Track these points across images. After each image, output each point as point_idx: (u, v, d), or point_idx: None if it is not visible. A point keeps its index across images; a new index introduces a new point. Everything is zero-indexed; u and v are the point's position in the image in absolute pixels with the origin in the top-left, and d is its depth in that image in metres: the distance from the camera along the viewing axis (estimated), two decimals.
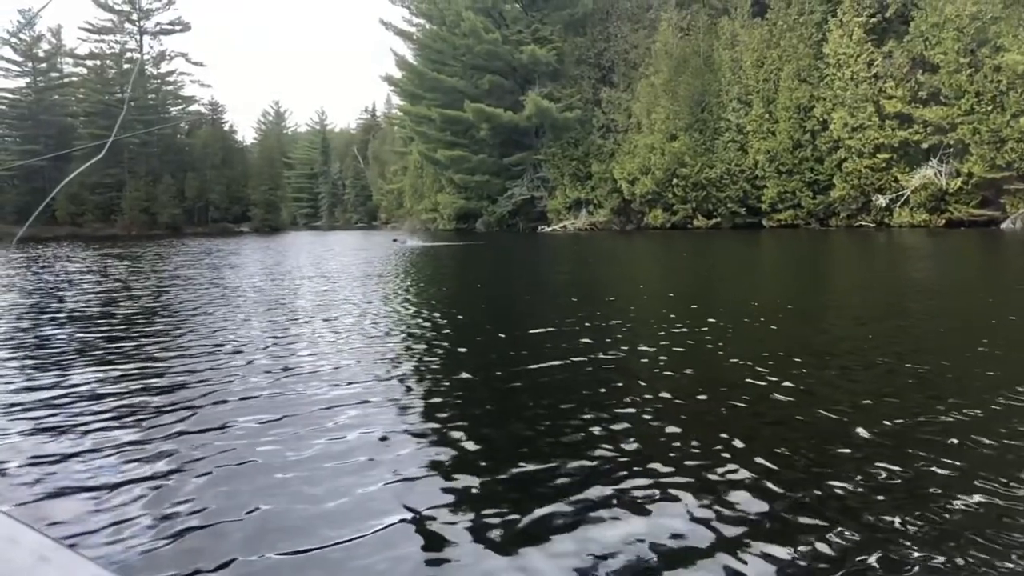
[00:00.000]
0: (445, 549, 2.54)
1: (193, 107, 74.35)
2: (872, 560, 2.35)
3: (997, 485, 2.89)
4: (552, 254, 24.84)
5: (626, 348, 6.14)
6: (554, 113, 47.98)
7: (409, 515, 2.78)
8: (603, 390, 4.70)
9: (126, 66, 67.89)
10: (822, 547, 2.44)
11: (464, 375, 5.26)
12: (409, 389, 4.79)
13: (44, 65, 69.00)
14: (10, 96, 67.33)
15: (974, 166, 31.39)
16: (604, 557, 2.45)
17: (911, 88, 33.78)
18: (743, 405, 4.19)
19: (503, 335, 7.21)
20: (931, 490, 2.90)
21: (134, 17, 68.62)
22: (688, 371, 5.28)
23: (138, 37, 69.30)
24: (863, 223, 36.40)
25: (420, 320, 8.22)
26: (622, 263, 19.47)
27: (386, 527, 2.67)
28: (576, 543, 2.55)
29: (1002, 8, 30.43)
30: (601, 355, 5.82)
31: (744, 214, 41.27)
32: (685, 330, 6.98)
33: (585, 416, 4.05)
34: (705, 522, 2.66)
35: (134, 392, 4.75)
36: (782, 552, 2.42)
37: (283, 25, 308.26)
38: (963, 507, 2.72)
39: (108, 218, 64.32)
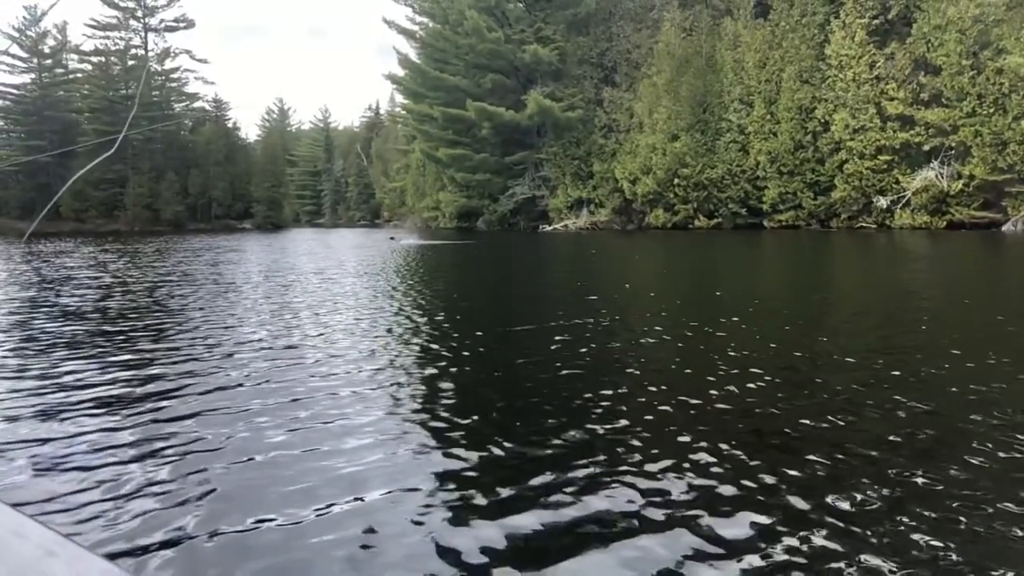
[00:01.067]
0: (429, 528, 2.63)
1: (197, 104, 74.46)
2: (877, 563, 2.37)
3: (1002, 494, 2.89)
4: (546, 253, 24.87)
5: (616, 346, 6.16)
6: (556, 112, 47.98)
7: (390, 495, 2.85)
8: (585, 389, 4.73)
9: (131, 63, 68.00)
10: (830, 552, 2.45)
11: (434, 371, 5.29)
12: (379, 382, 4.83)
13: (49, 61, 69.07)
14: (15, 92, 67.46)
15: (976, 168, 31.33)
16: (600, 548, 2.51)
17: (913, 90, 33.72)
18: (742, 409, 4.22)
19: (479, 333, 7.24)
20: (936, 494, 2.93)
21: (139, 14, 68.75)
22: (678, 371, 5.30)
23: (143, 34, 69.44)
24: (864, 224, 36.35)
25: (400, 317, 8.27)
26: (621, 262, 19.49)
27: (342, 509, 2.72)
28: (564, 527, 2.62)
29: (1005, 11, 30.38)
30: (585, 357, 5.84)
31: (745, 215, 41.22)
32: (679, 329, 7.00)
33: (553, 410, 4.09)
34: (700, 522, 2.69)
35: (129, 382, 4.80)
36: (786, 554, 2.44)
37: (288, 23, 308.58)
38: (971, 512, 2.73)
39: (111, 214, 64.37)
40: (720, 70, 42.05)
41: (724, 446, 3.44)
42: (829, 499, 2.81)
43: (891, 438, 3.55)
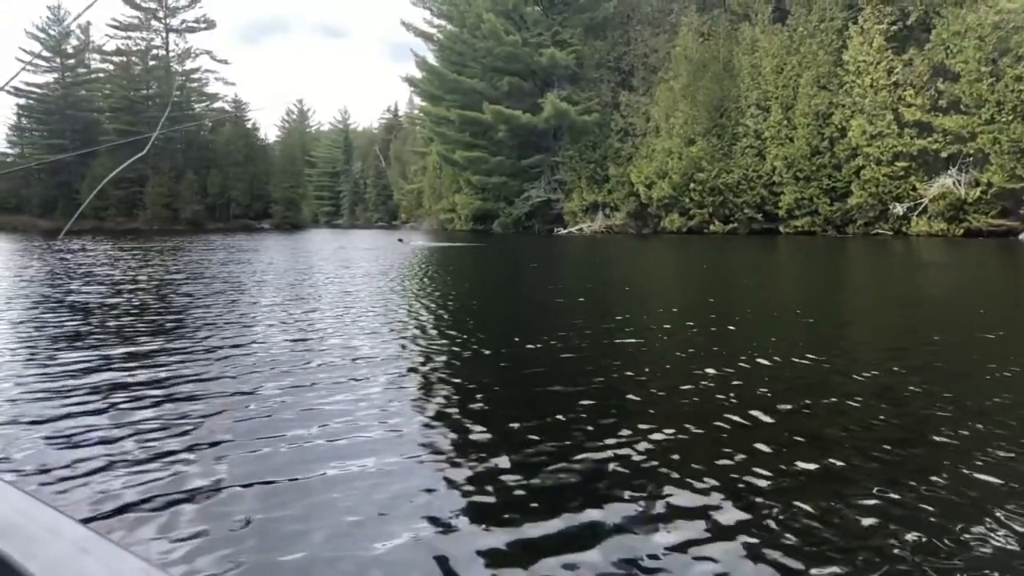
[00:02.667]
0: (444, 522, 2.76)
1: (217, 104, 75.06)
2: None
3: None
4: (556, 256, 24.95)
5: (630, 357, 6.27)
6: (572, 116, 48.09)
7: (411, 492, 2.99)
8: (590, 400, 4.84)
9: (152, 63, 68.78)
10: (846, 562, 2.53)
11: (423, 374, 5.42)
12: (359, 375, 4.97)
13: (72, 61, 70.05)
14: (39, 91, 68.43)
15: (994, 176, 31.13)
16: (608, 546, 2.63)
17: (931, 96, 33.54)
18: (757, 416, 4.32)
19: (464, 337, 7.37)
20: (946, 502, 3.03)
21: (160, 15, 69.51)
22: (695, 378, 5.40)
23: (164, 34, 70.20)
24: (880, 231, 36.19)
25: (383, 318, 8.42)
26: (630, 267, 19.56)
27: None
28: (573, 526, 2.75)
29: None
30: (593, 369, 5.95)
31: (761, 220, 41.15)
32: (686, 333, 7.10)
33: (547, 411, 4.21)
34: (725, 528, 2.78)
35: (157, 383, 4.97)
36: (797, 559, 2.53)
37: (308, 24, 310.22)
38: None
39: (131, 212, 65.07)
40: (737, 75, 42.00)
41: (739, 447, 3.56)
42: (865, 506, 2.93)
43: (909, 447, 3.66)
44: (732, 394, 4.67)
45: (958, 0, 32.80)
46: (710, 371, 5.39)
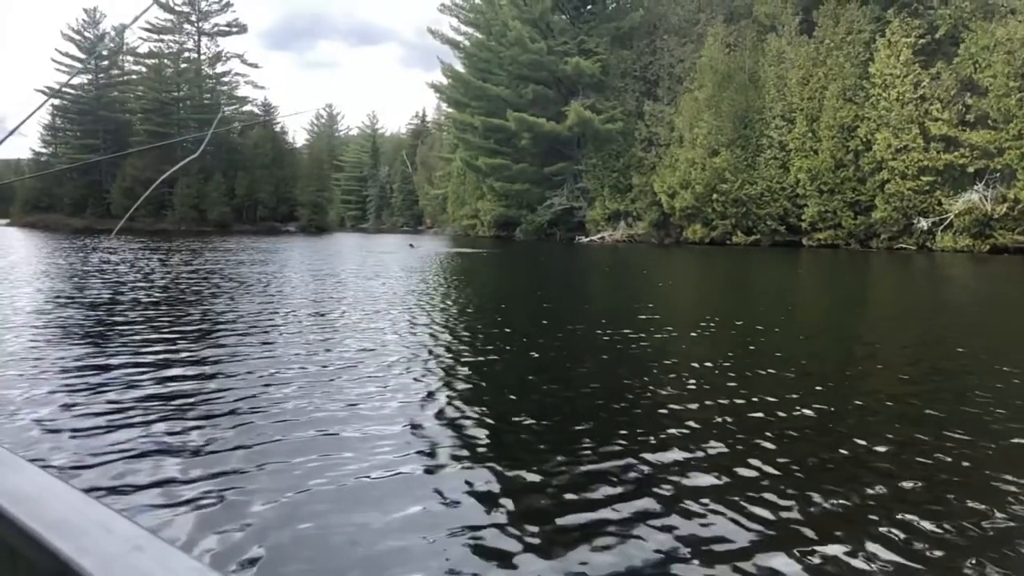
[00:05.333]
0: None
1: (246, 108, 76.03)
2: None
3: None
4: (568, 266, 25.03)
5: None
6: (596, 124, 48.18)
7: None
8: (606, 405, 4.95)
9: (183, 65, 69.90)
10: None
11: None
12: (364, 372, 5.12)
13: (106, 63, 71.37)
14: (72, 92, 69.77)
15: (1021, 192, 30.72)
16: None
17: (958, 111, 33.21)
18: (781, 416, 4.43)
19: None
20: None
21: (193, 18, 70.66)
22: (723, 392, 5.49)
23: (196, 38, 71.36)
24: (904, 246, 35.81)
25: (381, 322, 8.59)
26: (636, 278, 19.59)
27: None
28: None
29: None
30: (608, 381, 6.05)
31: (784, 232, 40.92)
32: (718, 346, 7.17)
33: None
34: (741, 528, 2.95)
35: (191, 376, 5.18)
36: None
37: (340, 29, 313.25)
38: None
39: (159, 213, 66.00)
40: (762, 86, 41.82)
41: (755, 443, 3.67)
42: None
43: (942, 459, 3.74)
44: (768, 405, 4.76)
45: (987, 14, 32.48)
46: (740, 378, 5.47)
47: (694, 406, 4.91)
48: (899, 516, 3.03)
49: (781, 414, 4.70)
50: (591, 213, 51.60)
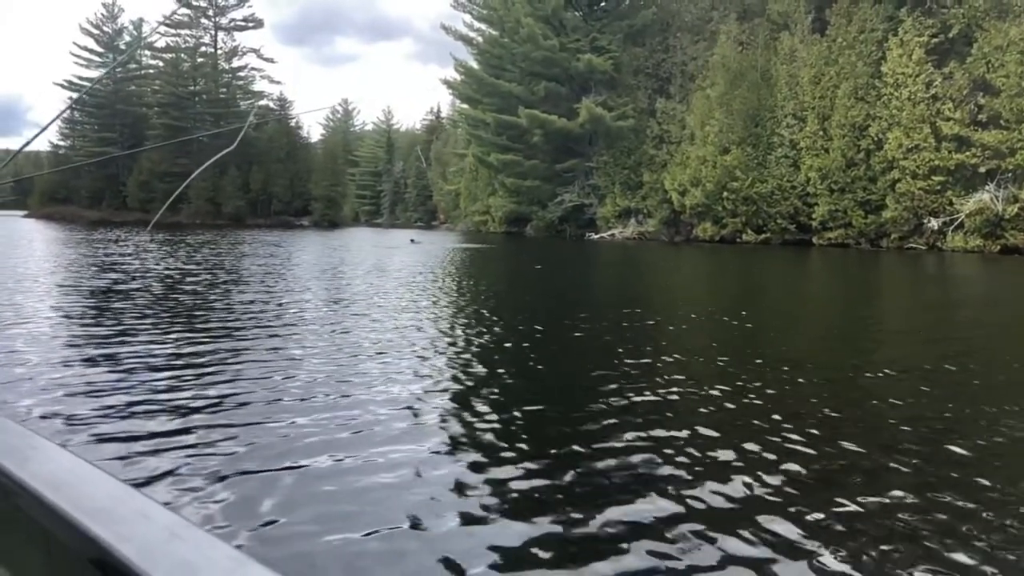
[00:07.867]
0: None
1: (262, 102, 76.30)
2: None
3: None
4: (577, 264, 25.12)
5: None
6: (608, 121, 48.21)
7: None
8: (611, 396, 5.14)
9: (199, 60, 70.39)
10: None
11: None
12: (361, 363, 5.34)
13: (124, 57, 71.96)
14: (90, 85, 70.42)
15: None
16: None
17: (970, 111, 33.07)
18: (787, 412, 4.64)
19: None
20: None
21: (210, 12, 71.12)
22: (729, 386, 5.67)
23: (213, 32, 71.82)
24: (915, 245, 35.69)
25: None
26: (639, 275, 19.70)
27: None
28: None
29: None
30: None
31: (794, 231, 40.82)
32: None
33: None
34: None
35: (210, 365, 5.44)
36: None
37: (356, 24, 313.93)
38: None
39: (174, 206, 66.54)
40: (774, 84, 41.73)
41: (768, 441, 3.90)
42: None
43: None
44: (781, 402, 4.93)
45: (1001, 13, 32.31)
46: (749, 373, 5.64)
47: (701, 398, 5.11)
48: (901, 516, 3.09)
49: (789, 412, 4.77)
50: (602, 210, 51.64)
